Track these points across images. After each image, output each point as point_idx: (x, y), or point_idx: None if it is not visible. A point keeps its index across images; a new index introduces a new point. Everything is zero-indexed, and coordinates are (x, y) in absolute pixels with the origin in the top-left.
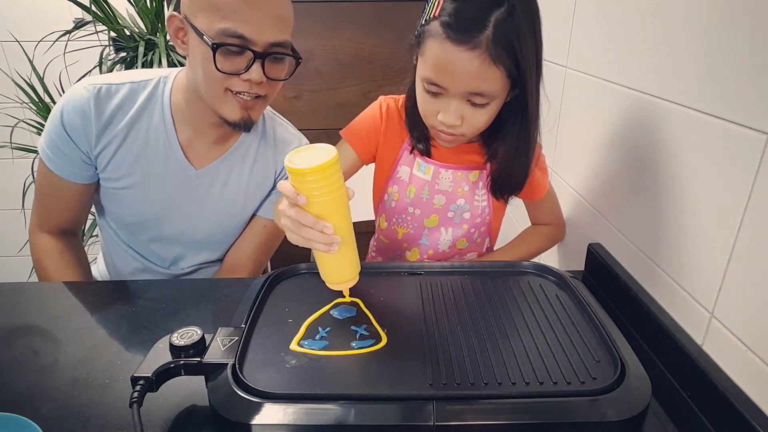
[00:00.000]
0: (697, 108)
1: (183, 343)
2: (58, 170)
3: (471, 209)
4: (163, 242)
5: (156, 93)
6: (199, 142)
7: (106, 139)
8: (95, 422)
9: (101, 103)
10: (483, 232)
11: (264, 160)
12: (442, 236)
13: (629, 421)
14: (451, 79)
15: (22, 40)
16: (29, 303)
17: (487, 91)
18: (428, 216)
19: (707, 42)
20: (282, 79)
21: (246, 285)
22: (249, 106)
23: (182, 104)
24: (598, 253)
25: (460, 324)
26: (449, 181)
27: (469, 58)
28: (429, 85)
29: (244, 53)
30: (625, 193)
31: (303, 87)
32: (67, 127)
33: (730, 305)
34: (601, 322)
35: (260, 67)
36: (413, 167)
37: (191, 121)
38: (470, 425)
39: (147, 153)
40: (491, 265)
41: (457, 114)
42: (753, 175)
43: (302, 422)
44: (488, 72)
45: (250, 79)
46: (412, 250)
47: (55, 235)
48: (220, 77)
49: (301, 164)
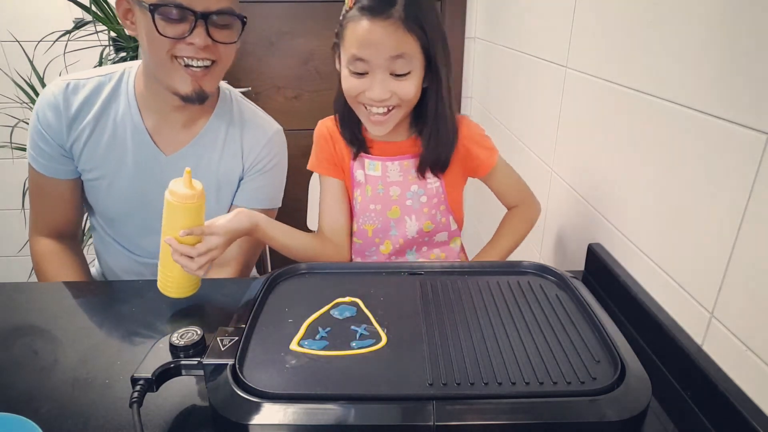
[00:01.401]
0: (697, 108)
1: (183, 343)
2: (43, 169)
3: (426, 192)
4: (147, 234)
5: (121, 83)
6: (166, 127)
7: (75, 131)
8: (95, 422)
9: (69, 97)
10: (444, 211)
11: (232, 142)
12: (408, 224)
13: (629, 421)
14: (372, 49)
15: (22, 40)
16: (29, 303)
17: (406, 54)
18: (389, 208)
19: (707, 42)
20: (231, 42)
21: (246, 285)
22: (199, 77)
23: (144, 90)
24: (598, 253)
25: (459, 324)
26: (398, 172)
27: (385, 26)
28: (354, 63)
29: (186, 18)
30: (625, 193)
31: (303, 87)
32: (42, 124)
33: (730, 305)
34: (601, 322)
35: (204, 31)
36: (365, 168)
37: (155, 106)
38: (470, 425)
39: (116, 142)
40: (491, 265)
41: (384, 87)
42: (753, 175)
43: (302, 422)
44: (403, 37)
45: (194, 43)
46: (385, 243)
47: (53, 238)
48: (164, 43)
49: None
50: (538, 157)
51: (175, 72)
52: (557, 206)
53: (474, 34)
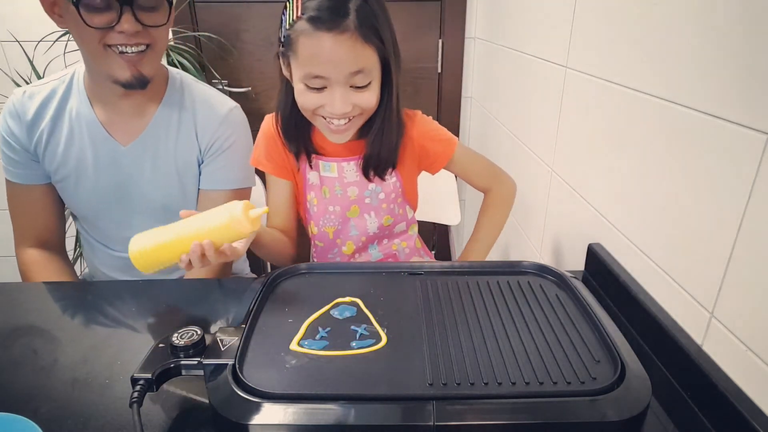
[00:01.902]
0: (697, 108)
1: (183, 343)
2: (16, 178)
3: (383, 188)
4: (121, 227)
5: (72, 83)
6: (118, 117)
7: (36, 135)
8: (95, 422)
9: (25, 103)
10: (401, 203)
11: (187, 127)
12: (368, 221)
13: (629, 421)
14: (330, 67)
15: (22, 40)
16: (29, 303)
17: (365, 68)
18: (348, 208)
19: (707, 42)
20: (161, 24)
21: (246, 285)
22: (136, 61)
23: (90, 84)
24: (598, 253)
25: (460, 324)
26: (354, 172)
27: (341, 41)
28: (311, 80)
29: (111, 6)
30: (625, 193)
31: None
32: (6, 133)
33: (730, 305)
34: (601, 322)
35: (131, 17)
36: (320, 170)
37: (102, 97)
38: (470, 425)
39: (74, 139)
40: (491, 265)
41: (345, 101)
42: (753, 175)
43: (302, 422)
44: (361, 50)
45: (123, 30)
46: (347, 244)
47: (38, 248)
48: (95, 34)
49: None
50: (538, 157)
51: (111, 60)
52: (557, 206)
53: (474, 34)
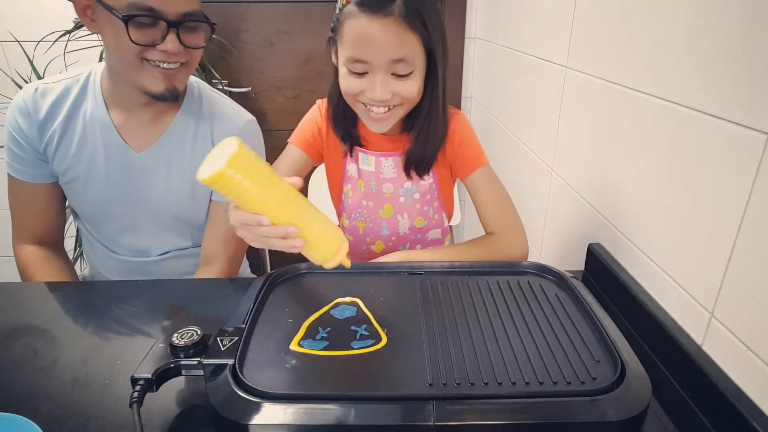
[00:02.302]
0: (697, 108)
1: (183, 343)
2: (20, 175)
3: (419, 188)
4: (127, 232)
5: (88, 83)
6: (134, 124)
7: (47, 134)
8: (95, 422)
9: (38, 101)
10: (436, 207)
11: (203, 137)
12: (400, 223)
13: (629, 421)
14: (372, 50)
15: (22, 40)
16: (29, 303)
17: (407, 56)
18: (382, 207)
19: (707, 42)
20: (200, 47)
21: (246, 285)
22: (171, 75)
23: (110, 88)
24: (598, 253)
25: (459, 324)
26: (392, 168)
27: (385, 25)
28: (353, 64)
29: (157, 24)
30: (625, 193)
31: (303, 87)
32: (14, 131)
33: (730, 305)
34: (601, 322)
35: (175, 37)
36: (359, 162)
37: (121, 103)
38: (470, 425)
39: (87, 142)
40: (491, 265)
41: (386, 87)
42: (753, 175)
43: (302, 422)
44: (405, 37)
45: (167, 50)
46: (376, 243)
47: (37, 244)
48: (134, 49)
49: (208, 172)
50: (538, 157)
51: (146, 72)
52: (557, 206)
53: (474, 34)
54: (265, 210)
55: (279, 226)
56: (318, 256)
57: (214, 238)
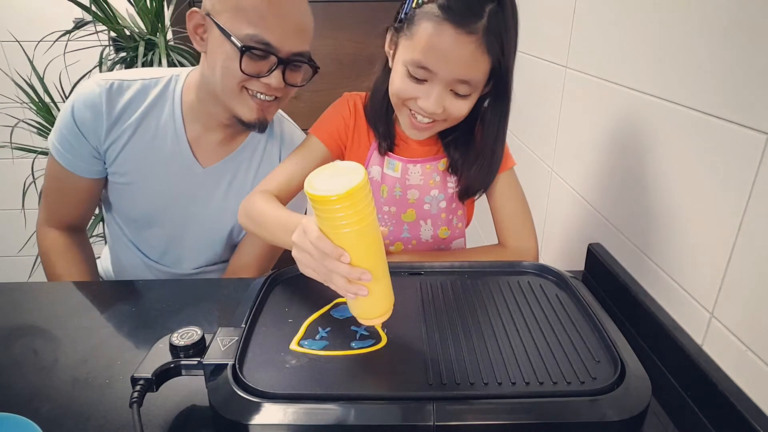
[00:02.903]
0: (697, 108)
1: (183, 343)
2: (68, 165)
3: (446, 197)
4: (167, 240)
5: (167, 90)
6: (208, 140)
7: (115, 133)
8: (95, 422)
9: (113, 98)
10: (461, 216)
11: (269, 158)
12: (423, 228)
13: (629, 421)
14: (443, 63)
15: (22, 40)
16: (29, 303)
17: (473, 80)
18: (404, 211)
19: (707, 42)
20: (298, 85)
21: (246, 285)
22: (265, 107)
23: (194, 102)
24: (598, 253)
25: (460, 324)
26: (419, 175)
27: (465, 43)
28: (415, 69)
29: (267, 58)
30: (625, 193)
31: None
32: (78, 121)
33: (730, 305)
34: (601, 322)
35: (281, 73)
36: (384, 166)
37: (202, 118)
38: (470, 425)
39: (155, 148)
40: (491, 265)
41: (439, 102)
42: (753, 175)
43: (302, 422)
44: (479, 60)
45: (269, 84)
46: (395, 244)
47: (62, 230)
48: (239, 77)
49: (324, 189)
50: (538, 157)
51: (242, 100)
52: (557, 206)
53: None
54: (352, 249)
55: (357, 268)
56: (366, 310)
57: (249, 256)
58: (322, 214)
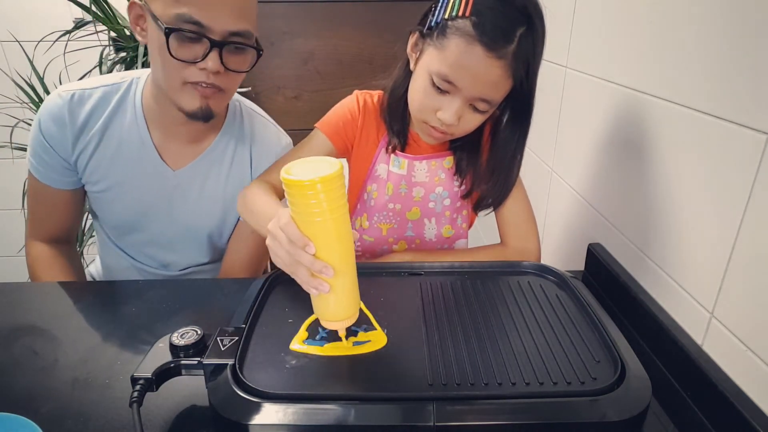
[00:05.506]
0: (697, 108)
1: (183, 343)
2: (43, 178)
3: (450, 195)
4: (151, 244)
5: (128, 94)
6: (173, 142)
7: (81, 143)
8: (95, 422)
9: (74, 109)
10: (465, 216)
11: (240, 159)
12: (427, 227)
13: (629, 421)
14: (469, 81)
15: (22, 40)
16: (29, 303)
17: (494, 100)
18: (409, 209)
19: (707, 42)
20: (242, 71)
21: (246, 285)
22: (207, 95)
23: (152, 103)
24: (598, 253)
25: (460, 324)
26: (425, 172)
27: (494, 66)
28: (440, 81)
29: (200, 41)
30: (625, 193)
31: (303, 87)
32: (46, 135)
33: (730, 305)
34: (601, 322)
35: (218, 56)
36: (390, 164)
37: (162, 120)
38: (470, 425)
39: (122, 155)
40: (491, 265)
41: (457, 115)
42: (753, 175)
43: (302, 422)
44: (504, 83)
45: (206, 68)
46: (399, 243)
47: (48, 242)
48: (176, 66)
49: (298, 175)
50: (538, 157)
51: (185, 92)
52: (557, 206)
53: None
54: (319, 240)
55: (319, 260)
56: (327, 311)
57: (240, 253)
58: (294, 200)
